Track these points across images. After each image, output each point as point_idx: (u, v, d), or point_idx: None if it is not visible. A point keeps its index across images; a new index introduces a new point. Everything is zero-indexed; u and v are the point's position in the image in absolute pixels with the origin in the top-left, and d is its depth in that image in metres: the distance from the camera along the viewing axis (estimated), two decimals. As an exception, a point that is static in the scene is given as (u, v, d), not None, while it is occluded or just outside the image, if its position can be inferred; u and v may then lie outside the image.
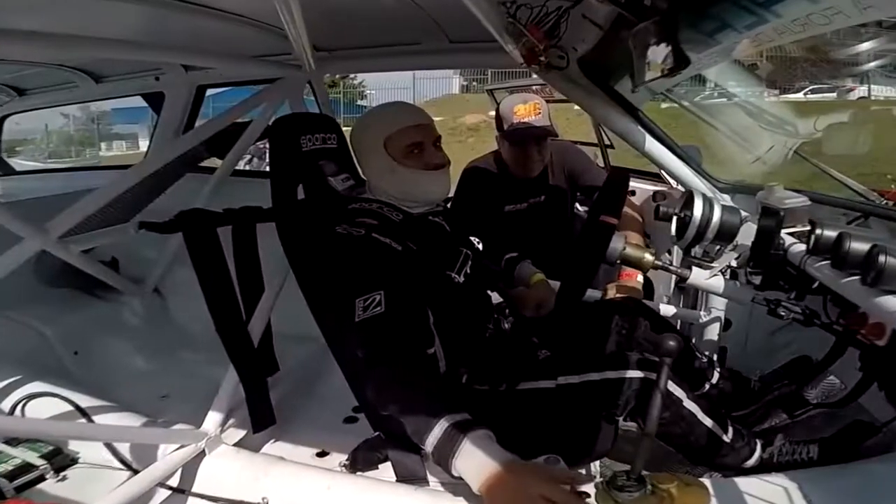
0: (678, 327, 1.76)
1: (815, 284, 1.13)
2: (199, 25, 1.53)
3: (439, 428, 0.90)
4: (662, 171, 1.96)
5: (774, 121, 1.66)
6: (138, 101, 2.56)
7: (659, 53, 0.87)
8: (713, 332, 1.71)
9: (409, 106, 1.29)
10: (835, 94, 12.58)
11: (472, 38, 1.65)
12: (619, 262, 1.28)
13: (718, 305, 1.69)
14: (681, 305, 1.88)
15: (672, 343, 0.91)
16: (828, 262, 0.99)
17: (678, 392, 1.13)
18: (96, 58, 1.91)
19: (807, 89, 13.13)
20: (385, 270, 1.08)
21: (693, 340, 1.65)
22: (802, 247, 1.11)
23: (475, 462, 0.87)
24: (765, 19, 0.75)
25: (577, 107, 1.90)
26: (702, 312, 1.71)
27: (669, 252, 2.01)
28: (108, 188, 1.51)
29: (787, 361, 1.49)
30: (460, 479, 0.90)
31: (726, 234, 1.20)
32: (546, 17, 1.03)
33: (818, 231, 0.99)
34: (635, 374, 1.10)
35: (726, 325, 1.72)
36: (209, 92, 2.47)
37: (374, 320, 1.02)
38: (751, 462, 1.15)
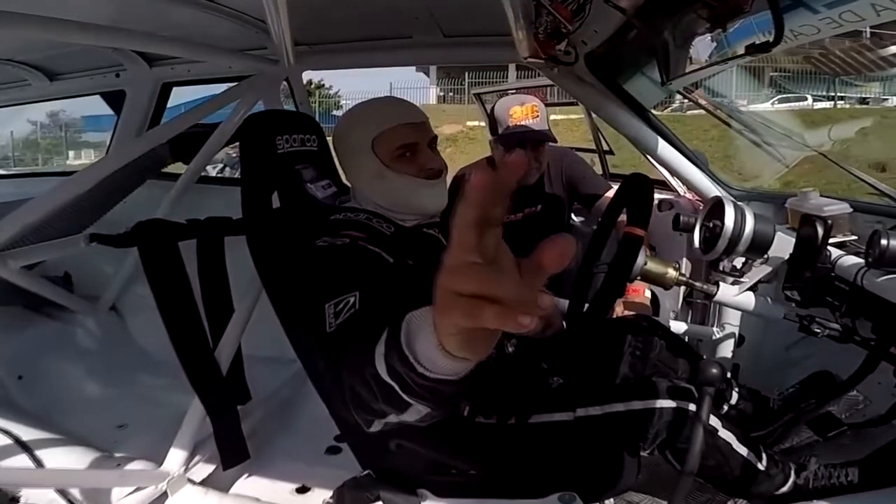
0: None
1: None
2: (166, 14, 1.38)
3: (380, 348, 0.59)
4: (670, 178, 1.85)
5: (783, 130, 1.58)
6: (110, 109, 2.36)
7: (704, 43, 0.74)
8: (727, 349, 1.63)
9: (401, 101, 1.14)
10: (804, 103, 13.03)
11: (468, 32, 1.53)
12: (639, 277, 1.16)
13: (733, 321, 1.60)
14: (689, 321, 1.77)
15: (715, 371, 0.86)
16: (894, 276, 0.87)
17: (713, 421, 1.04)
18: (48, 41, 1.72)
19: (774, 99, 13.57)
20: (365, 273, 0.89)
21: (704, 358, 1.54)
22: (854, 259, 1.00)
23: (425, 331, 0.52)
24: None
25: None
26: (715, 328, 1.61)
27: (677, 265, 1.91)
28: (52, 194, 1.32)
29: (807, 377, 1.40)
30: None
31: (759, 246, 1.09)
32: (570, -1, 0.90)
33: (883, 241, 0.87)
34: (667, 403, 1.02)
35: (739, 340, 1.64)
36: (180, 100, 2.30)
37: (347, 323, 0.79)
38: (784, 489, 1.08)
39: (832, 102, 13.36)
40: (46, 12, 1.10)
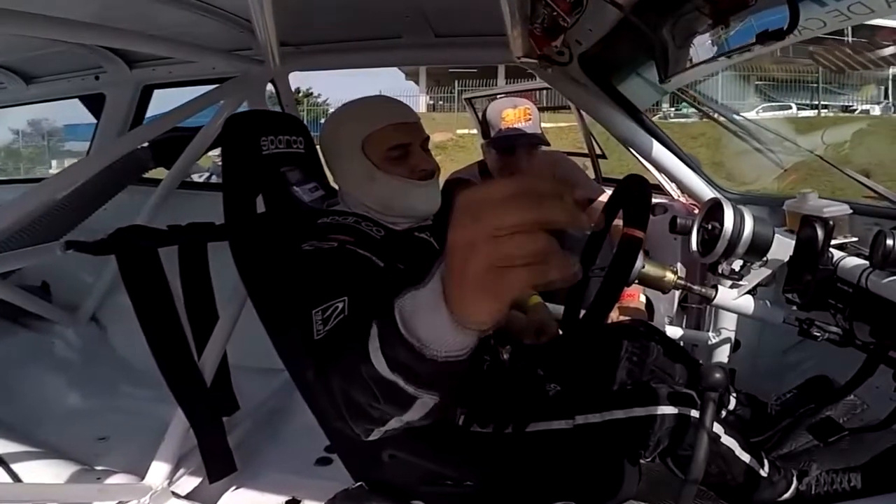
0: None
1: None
2: (149, 12, 1.35)
3: (373, 343, 0.56)
4: (664, 182, 1.83)
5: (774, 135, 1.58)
6: (93, 118, 2.29)
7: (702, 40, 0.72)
8: (723, 354, 1.61)
9: (392, 100, 1.10)
10: (788, 112, 13.25)
11: (461, 32, 1.50)
12: (637, 281, 1.13)
13: (728, 325, 1.59)
14: (684, 325, 1.75)
15: (718, 375, 0.85)
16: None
17: (716, 427, 1.03)
18: (25, 41, 1.67)
19: (759, 107, 13.79)
20: (354, 278, 0.85)
21: (701, 363, 1.52)
22: (857, 260, 0.99)
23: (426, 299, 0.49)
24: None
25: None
26: (710, 333, 1.59)
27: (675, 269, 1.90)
28: (23, 200, 1.26)
29: (804, 382, 1.40)
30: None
31: (758, 248, 1.07)
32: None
33: (888, 242, 0.86)
34: (668, 410, 1.01)
35: (735, 345, 1.62)
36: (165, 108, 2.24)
37: (336, 329, 0.76)
38: (787, 495, 1.08)
39: (816, 111, 13.62)
40: (27, 8, 1.06)
